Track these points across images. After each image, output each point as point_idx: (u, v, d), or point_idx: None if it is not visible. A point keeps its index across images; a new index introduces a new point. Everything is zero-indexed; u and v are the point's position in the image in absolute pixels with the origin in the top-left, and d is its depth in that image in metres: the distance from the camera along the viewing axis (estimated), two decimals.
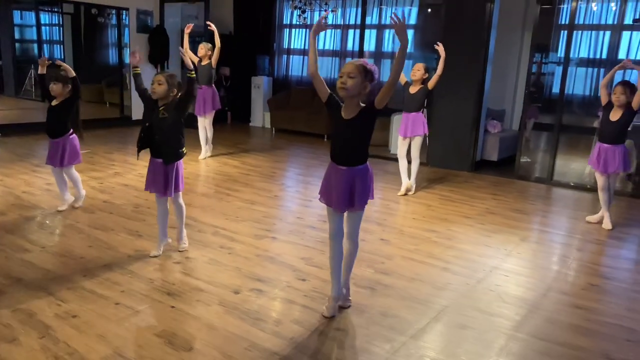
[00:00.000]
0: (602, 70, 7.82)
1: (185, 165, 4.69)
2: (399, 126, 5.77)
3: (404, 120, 5.66)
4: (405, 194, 5.73)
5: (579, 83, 7.91)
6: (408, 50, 2.67)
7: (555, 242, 4.56)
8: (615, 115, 4.65)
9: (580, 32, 8.00)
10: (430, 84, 5.47)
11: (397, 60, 2.61)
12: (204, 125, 7.09)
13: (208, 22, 7.04)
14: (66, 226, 4.29)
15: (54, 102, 4.44)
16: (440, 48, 5.46)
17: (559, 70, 7.34)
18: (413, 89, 5.57)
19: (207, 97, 7.01)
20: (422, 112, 5.71)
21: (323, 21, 2.86)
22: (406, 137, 5.66)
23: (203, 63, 6.93)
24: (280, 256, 3.84)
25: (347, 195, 2.80)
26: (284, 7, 10.53)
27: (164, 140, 3.54)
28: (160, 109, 3.54)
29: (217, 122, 9.94)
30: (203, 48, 6.92)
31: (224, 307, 3.01)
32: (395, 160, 5.90)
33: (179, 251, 3.82)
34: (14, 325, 2.71)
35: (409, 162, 5.74)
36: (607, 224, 4.83)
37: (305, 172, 6.89)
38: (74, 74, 4.37)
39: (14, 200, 4.88)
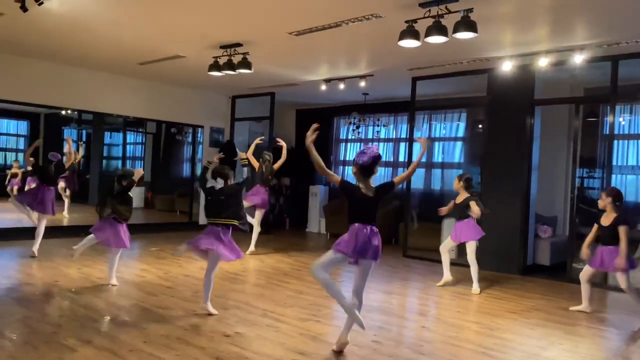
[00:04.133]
0: None
1: (241, 261, 5.54)
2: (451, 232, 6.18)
3: (455, 227, 6.08)
4: (444, 285, 6.05)
5: (630, 192, 7.98)
6: (457, 160, 3.47)
7: (601, 337, 4.50)
8: (605, 221, 4.97)
9: (626, 141, 8.23)
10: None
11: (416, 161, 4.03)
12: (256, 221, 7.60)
13: (278, 139, 8.05)
14: (132, 305, 4.75)
15: None
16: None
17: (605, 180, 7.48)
18: (458, 199, 6.02)
19: (260, 193, 7.58)
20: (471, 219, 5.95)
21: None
22: (457, 242, 6.07)
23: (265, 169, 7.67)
24: (322, 335, 4.07)
25: (369, 245, 3.62)
26: (340, 123, 11.50)
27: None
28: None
29: (276, 228, 10.55)
30: (267, 156, 7.74)
31: None
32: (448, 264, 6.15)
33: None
34: None
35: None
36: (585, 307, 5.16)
37: (354, 268, 7.12)
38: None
39: (89, 284, 5.45)
